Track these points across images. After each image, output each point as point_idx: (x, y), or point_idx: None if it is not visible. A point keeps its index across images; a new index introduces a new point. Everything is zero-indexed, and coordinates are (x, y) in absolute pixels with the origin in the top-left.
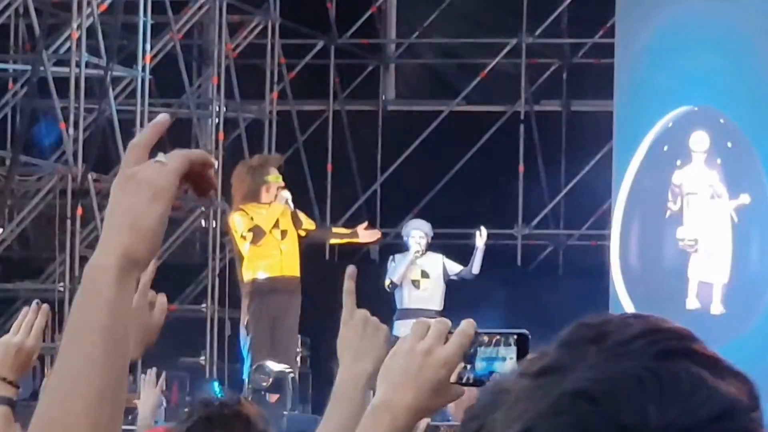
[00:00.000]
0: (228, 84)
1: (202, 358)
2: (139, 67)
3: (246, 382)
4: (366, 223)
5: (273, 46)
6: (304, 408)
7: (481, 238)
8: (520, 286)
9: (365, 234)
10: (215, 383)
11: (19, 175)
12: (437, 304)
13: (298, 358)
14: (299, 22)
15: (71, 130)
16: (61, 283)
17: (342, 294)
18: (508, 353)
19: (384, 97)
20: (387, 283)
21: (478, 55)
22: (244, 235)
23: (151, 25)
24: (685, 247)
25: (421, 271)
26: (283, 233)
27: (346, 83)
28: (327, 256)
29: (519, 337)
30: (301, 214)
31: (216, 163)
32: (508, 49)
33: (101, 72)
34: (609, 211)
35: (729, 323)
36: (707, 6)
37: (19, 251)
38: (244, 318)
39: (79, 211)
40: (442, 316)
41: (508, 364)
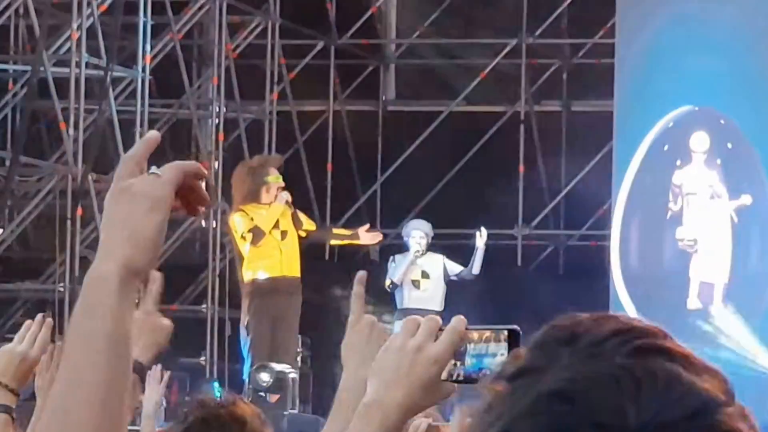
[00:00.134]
0: (228, 84)
1: (203, 358)
2: (139, 68)
3: (246, 382)
4: (368, 225)
5: (273, 47)
6: (305, 408)
7: (481, 238)
8: (520, 286)
9: (366, 236)
10: (215, 383)
11: (19, 176)
12: (438, 304)
13: (299, 358)
14: (299, 22)
15: (71, 131)
16: (62, 284)
17: (341, 294)
18: (499, 349)
19: (384, 97)
20: (387, 283)
21: (478, 55)
22: (244, 236)
23: (151, 26)
24: (685, 248)
25: (421, 272)
26: (284, 234)
27: (346, 83)
28: (327, 257)
29: (510, 333)
30: (301, 215)
31: (209, 171)
32: (508, 49)
33: (101, 72)
34: (609, 211)
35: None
36: (707, 6)
37: (19, 252)
38: (244, 318)
39: (79, 211)
40: (443, 316)
41: (498, 360)
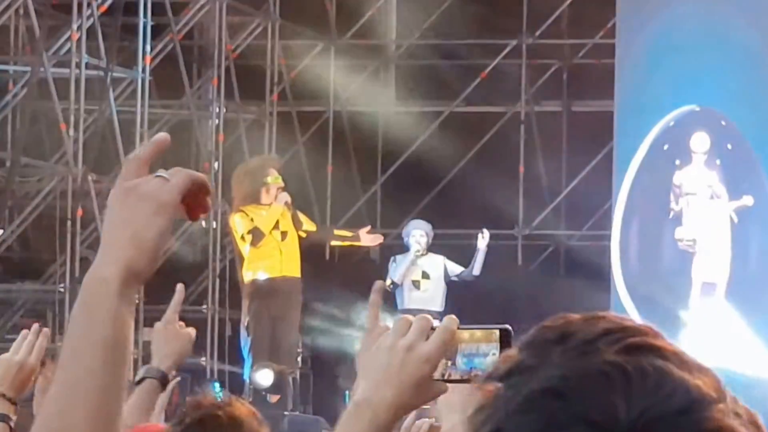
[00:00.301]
0: (228, 85)
1: (203, 358)
2: (139, 69)
3: (247, 382)
4: (369, 226)
5: (273, 47)
6: (305, 408)
7: (483, 239)
8: (520, 286)
9: (367, 237)
10: (215, 384)
11: (19, 177)
12: (438, 304)
13: (299, 358)
14: (299, 22)
15: (71, 132)
16: (62, 284)
17: (341, 294)
18: (491, 349)
19: (384, 98)
20: (388, 283)
21: (478, 55)
22: (244, 237)
23: (151, 26)
24: (684, 248)
25: (421, 272)
26: (284, 234)
27: (346, 84)
28: (327, 257)
29: (501, 332)
30: (301, 216)
31: (208, 171)
32: (508, 49)
33: (101, 73)
34: (609, 211)
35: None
36: (707, 6)
37: (19, 252)
38: (244, 319)
39: (79, 212)
40: (443, 316)
41: (490, 359)
